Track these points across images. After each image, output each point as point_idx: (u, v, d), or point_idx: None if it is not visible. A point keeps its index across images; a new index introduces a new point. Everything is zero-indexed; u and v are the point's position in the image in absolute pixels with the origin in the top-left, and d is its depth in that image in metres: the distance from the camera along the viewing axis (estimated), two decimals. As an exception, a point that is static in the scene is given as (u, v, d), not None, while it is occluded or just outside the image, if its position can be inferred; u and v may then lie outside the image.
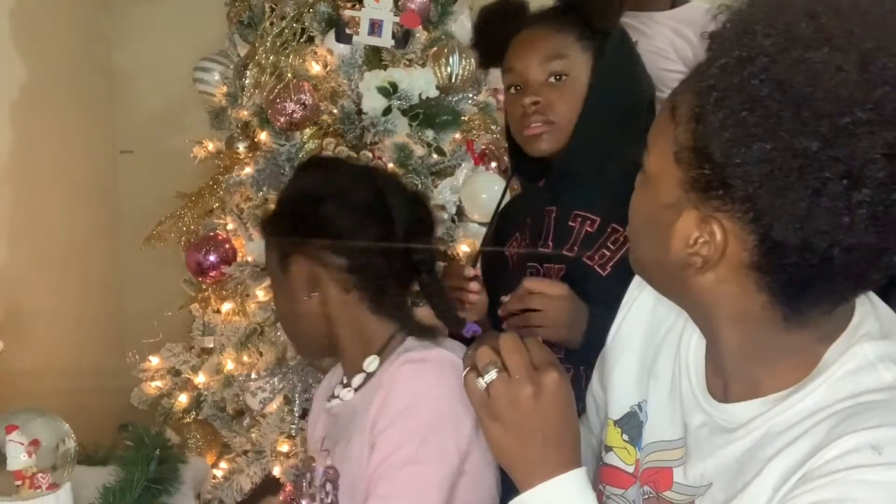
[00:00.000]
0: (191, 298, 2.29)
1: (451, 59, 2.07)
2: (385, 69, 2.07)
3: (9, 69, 2.21)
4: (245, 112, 2.16)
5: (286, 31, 2.06)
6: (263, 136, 2.12)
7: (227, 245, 2.21)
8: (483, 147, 2.22)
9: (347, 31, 2.05)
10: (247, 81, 2.12)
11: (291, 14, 2.07)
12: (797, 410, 0.73)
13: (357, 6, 2.04)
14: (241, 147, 2.20)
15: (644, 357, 0.93)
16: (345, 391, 1.10)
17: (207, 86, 2.37)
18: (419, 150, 2.10)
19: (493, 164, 2.23)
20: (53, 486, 1.12)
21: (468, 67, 2.09)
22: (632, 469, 0.91)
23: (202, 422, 2.28)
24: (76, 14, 2.64)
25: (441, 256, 1.21)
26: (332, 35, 2.08)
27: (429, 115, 2.08)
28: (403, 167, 2.05)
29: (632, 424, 0.92)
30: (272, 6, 2.11)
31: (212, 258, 2.18)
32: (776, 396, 0.76)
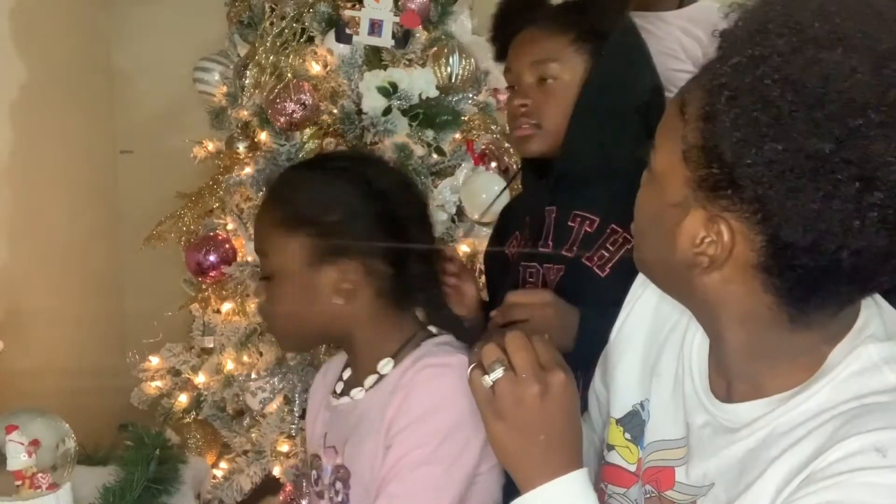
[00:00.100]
0: (191, 298, 2.29)
1: (451, 59, 2.07)
2: (385, 69, 2.06)
3: (9, 69, 2.20)
4: (245, 112, 2.16)
5: (286, 31, 2.06)
6: (263, 136, 2.12)
7: (227, 245, 2.20)
8: (483, 147, 2.22)
9: (347, 31, 2.05)
10: (247, 81, 2.12)
11: (291, 14, 2.06)
12: (801, 411, 0.73)
13: (357, 6, 2.03)
14: (241, 147, 2.19)
15: (647, 355, 0.93)
16: (355, 390, 1.09)
17: (207, 86, 2.36)
18: (419, 150, 2.09)
19: (493, 164, 2.23)
20: (53, 486, 1.11)
21: (468, 67, 2.09)
22: (634, 468, 0.91)
23: (202, 422, 2.27)
24: (76, 14, 2.64)
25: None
26: (332, 35, 2.07)
27: (429, 115, 2.08)
28: (403, 167, 2.05)
29: (634, 423, 0.92)
30: (272, 6, 2.10)
31: (212, 258, 2.18)
32: (780, 397, 0.75)
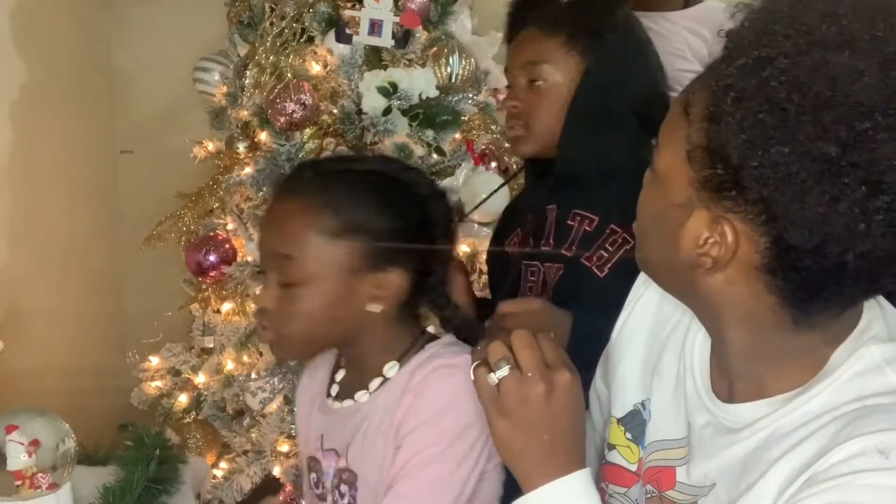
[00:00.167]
0: (191, 298, 2.29)
1: (451, 59, 2.07)
2: (385, 69, 2.06)
3: (9, 69, 2.20)
4: (245, 112, 2.16)
5: (286, 31, 2.06)
6: (263, 136, 2.12)
7: (227, 245, 2.21)
8: (483, 147, 2.22)
9: (347, 31, 2.05)
10: (247, 81, 2.12)
11: (291, 14, 2.06)
12: (803, 412, 0.73)
13: (357, 6, 2.03)
14: (241, 147, 2.19)
15: (648, 355, 0.92)
16: (359, 393, 1.09)
17: (207, 86, 2.36)
18: (419, 150, 2.10)
19: (493, 164, 2.23)
20: (53, 486, 1.11)
21: (468, 67, 2.09)
22: (635, 467, 0.91)
23: (202, 422, 2.28)
24: (76, 14, 2.63)
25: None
26: (332, 35, 2.08)
27: (429, 115, 2.08)
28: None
29: (635, 423, 0.91)
30: (272, 6, 2.10)
31: (212, 258, 2.18)
32: (782, 398, 0.75)
